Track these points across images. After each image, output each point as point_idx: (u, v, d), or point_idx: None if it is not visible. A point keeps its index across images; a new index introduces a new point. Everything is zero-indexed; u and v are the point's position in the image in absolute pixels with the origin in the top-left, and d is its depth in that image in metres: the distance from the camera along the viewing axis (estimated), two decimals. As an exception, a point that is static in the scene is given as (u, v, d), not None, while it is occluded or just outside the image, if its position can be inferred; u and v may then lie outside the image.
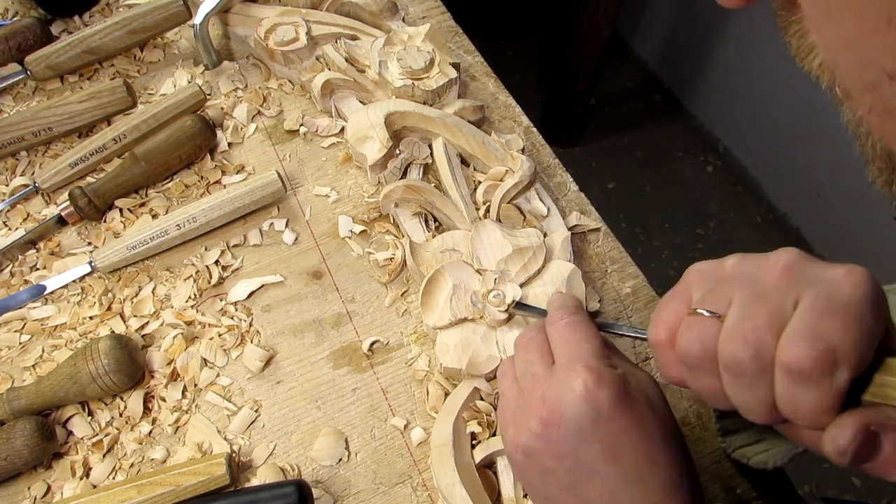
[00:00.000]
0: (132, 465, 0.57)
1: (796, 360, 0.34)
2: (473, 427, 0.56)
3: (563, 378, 0.42)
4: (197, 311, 0.64)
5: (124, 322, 0.64)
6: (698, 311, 0.39)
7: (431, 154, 0.71)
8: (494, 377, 0.59)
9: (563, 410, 0.40)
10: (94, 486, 0.56)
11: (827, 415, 0.35)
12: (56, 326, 0.64)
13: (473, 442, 0.56)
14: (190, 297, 0.65)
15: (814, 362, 0.34)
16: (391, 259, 0.67)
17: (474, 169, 0.71)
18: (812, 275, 0.37)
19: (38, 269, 0.68)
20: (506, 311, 0.57)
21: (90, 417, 0.59)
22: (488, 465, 0.55)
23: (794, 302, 0.36)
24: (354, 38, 0.79)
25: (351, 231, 0.69)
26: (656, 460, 0.40)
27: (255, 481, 0.55)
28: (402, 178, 0.70)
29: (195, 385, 0.60)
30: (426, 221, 0.68)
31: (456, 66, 0.75)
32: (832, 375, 0.34)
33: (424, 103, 0.73)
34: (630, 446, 0.40)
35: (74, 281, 0.66)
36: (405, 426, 0.58)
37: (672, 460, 0.41)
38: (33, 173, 0.74)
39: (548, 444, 0.41)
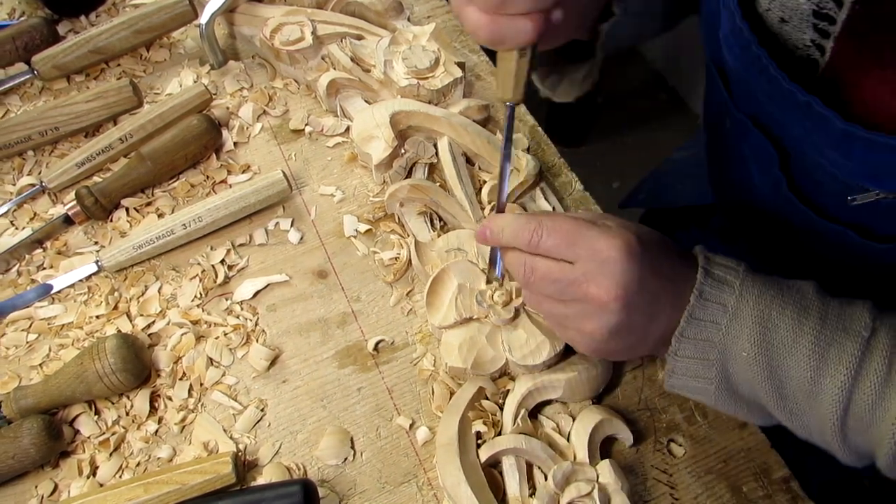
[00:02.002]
0: (139, 464, 0.57)
1: None
2: (479, 426, 0.56)
3: (600, 261, 0.47)
4: (203, 311, 0.64)
5: (131, 321, 0.64)
6: None
7: (436, 153, 0.71)
8: (499, 376, 0.59)
9: (625, 279, 0.47)
10: (101, 485, 0.56)
11: None
12: (63, 326, 0.64)
13: (479, 441, 0.55)
14: (196, 297, 0.65)
15: None
16: (396, 258, 0.67)
17: (479, 168, 0.71)
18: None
19: (44, 269, 0.68)
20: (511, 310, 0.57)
21: (97, 416, 0.59)
22: (494, 465, 0.55)
23: None
24: (360, 37, 0.79)
25: (356, 230, 0.69)
26: (671, 255, 0.51)
27: (260, 480, 0.55)
28: (407, 177, 0.70)
29: (201, 384, 0.60)
30: (431, 221, 0.68)
31: (461, 65, 0.74)
32: None
33: (430, 103, 0.73)
34: (662, 260, 0.49)
35: (81, 280, 0.66)
36: (410, 425, 0.58)
37: (670, 245, 0.52)
38: (40, 173, 0.74)
39: (628, 310, 0.48)
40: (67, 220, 0.69)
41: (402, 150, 0.70)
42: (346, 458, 0.57)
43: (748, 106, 0.58)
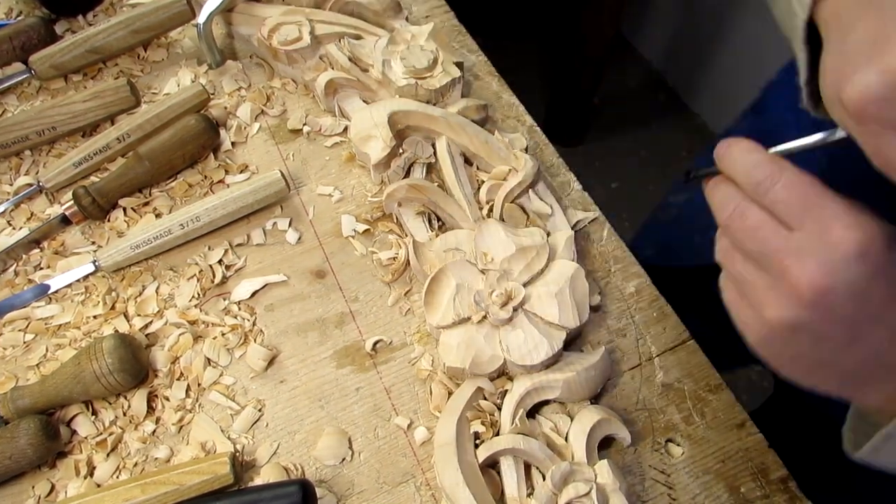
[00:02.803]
0: (136, 465, 0.57)
1: None
2: (477, 427, 0.56)
3: (824, 243, 0.37)
4: (200, 311, 0.64)
5: (128, 321, 0.64)
6: None
7: (435, 153, 0.71)
8: (497, 376, 0.59)
9: (838, 277, 0.37)
10: (98, 486, 0.56)
11: None
12: (60, 326, 0.64)
13: (477, 441, 0.55)
14: (193, 297, 0.65)
15: None
16: (394, 258, 0.67)
17: (478, 168, 0.71)
18: None
19: (41, 269, 0.68)
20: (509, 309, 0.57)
21: (94, 416, 0.59)
22: (492, 465, 0.55)
23: None
24: (358, 37, 0.79)
25: (354, 230, 0.69)
26: None
27: (258, 480, 0.55)
28: (405, 177, 0.70)
29: (199, 384, 0.60)
30: (429, 221, 0.68)
31: (459, 65, 0.74)
32: None
33: (428, 102, 0.73)
34: None
35: (78, 280, 0.66)
36: (408, 426, 0.58)
37: None
38: (37, 172, 0.74)
39: (824, 313, 0.38)
40: (65, 220, 0.69)
41: (401, 150, 0.70)
42: (344, 459, 0.57)
43: None
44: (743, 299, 0.42)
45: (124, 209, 0.71)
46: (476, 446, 0.55)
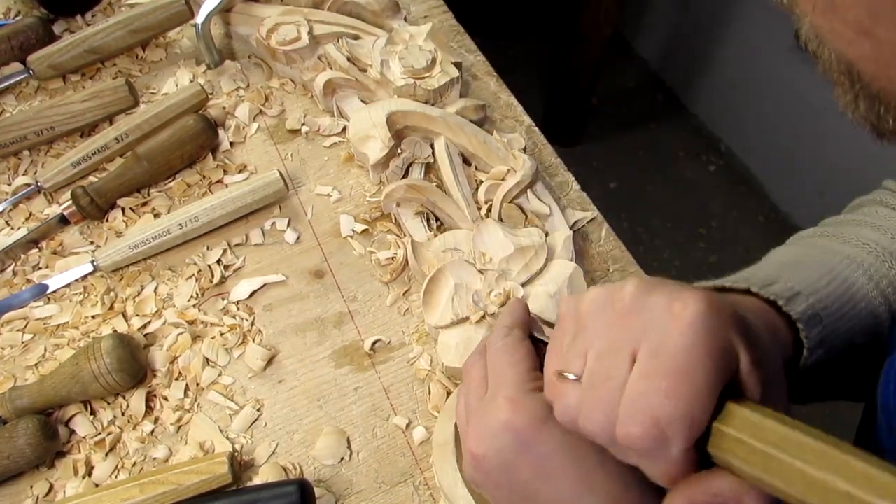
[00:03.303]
0: (134, 465, 0.57)
1: (626, 439, 0.34)
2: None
3: (487, 410, 0.42)
4: (199, 311, 0.64)
5: (126, 321, 0.64)
6: (563, 374, 0.39)
7: (433, 153, 0.71)
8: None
9: (489, 443, 0.41)
10: (97, 485, 0.56)
11: (681, 482, 0.35)
12: (58, 326, 0.64)
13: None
14: (192, 297, 0.65)
15: (641, 441, 0.34)
16: (393, 258, 0.67)
17: (476, 168, 0.71)
18: (649, 316, 0.36)
19: (40, 269, 0.68)
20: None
21: (92, 416, 0.59)
22: (490, 465, 0.55)
23: (632, 358, 0.36)
24: (356, 37, 0.79)
25: (353, 230, 0.69)
26: (591, 481, 0.40)
27: (257, 480, 0.55)
28: (403, 177, 0.70)
29: (197, 384, 0.60)
30: (428, 221, 0.68)
31: (458, 65, 0.74)
32: (665, 449, 0.34)
33: (426, 102, 0.73)
34: (560, 470, 0.40)
35: (77, 280, 0.66)
36: (407, 425, 0.58)
37: (609, 478, 0.40)
38: (35, 172, 0.74)
39: (484, 476, 0.42)
40: (63, 220, 0.69)
41: (399, 150, 0.70)
42: (342, 458, 0.57)
43: None
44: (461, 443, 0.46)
45: (123, 209, 0.71)
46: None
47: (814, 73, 0.35)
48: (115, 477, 0.56)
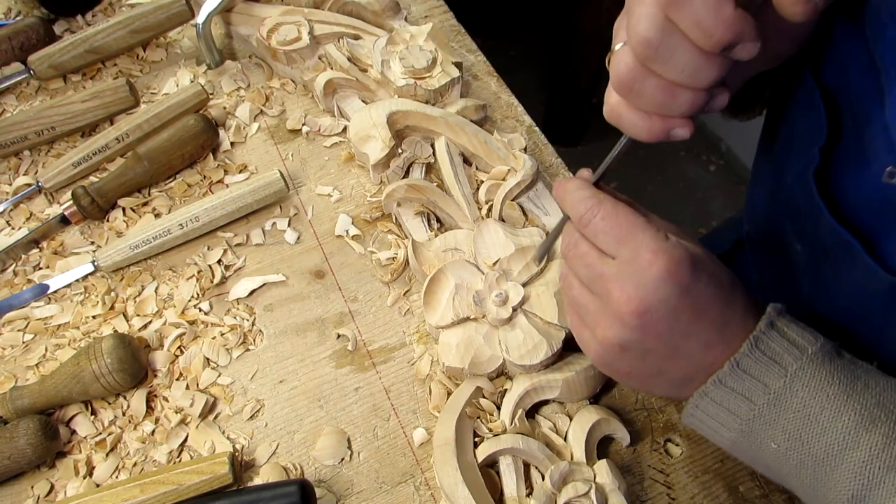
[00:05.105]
0: (135, 465, 0.57)
1: None
2: (476, 426, 0.56)
3: (637, 268, 0.43)
4: (199, 311, 0.64)
5: (127, 321, 0.64)
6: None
7: (434, 153, 0.71)
8: (497, 376, 0.59)
9: (652, 297, 0.43)
10: (98, 485, 0.56)
11: None
12: (59, 326, 0.64)
13: (476, 441, 0.55)
14: (192, 297, 0.65)
15: None
16: (394, 258, 0.67)
17: (477, 168, 0.71)
18: None
19: (41, 269, 0.68)
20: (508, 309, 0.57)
21: (93, 416, 0.59)
22: (491, 465, 0.55)
23: None
24: (357, 37, 0.79)
25: (346, 231, 0.69)
26: (730, 301, 0.45)
27: (257, 480, 0.55)
28: (404, 177, 0.70)
29: (197, 384, 0.60)
30: (428, 221, 0.68)
31: (458, 65, 0.74)
32: None
33: (427, 103, 0.73)
34: (711, 300, 0.44)
35: (77, 280, 0.66)
36: (407, 425, 0.58)
37: (738, 291, 0.45)
38: (36, 172, 0.74)
39: (645, 331, 0.44)
40: (64, 220, 0.69)
41: (399, 150, 0.70)
42: (343, 459, 0.57)
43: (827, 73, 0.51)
44: (581, 321, 0.49)
45: (123, 209, 0.71)
46: (475, 446, 0.55)
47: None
48: (116, 477, 0.56)
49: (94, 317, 0.64)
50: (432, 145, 0.71)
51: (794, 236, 0.58)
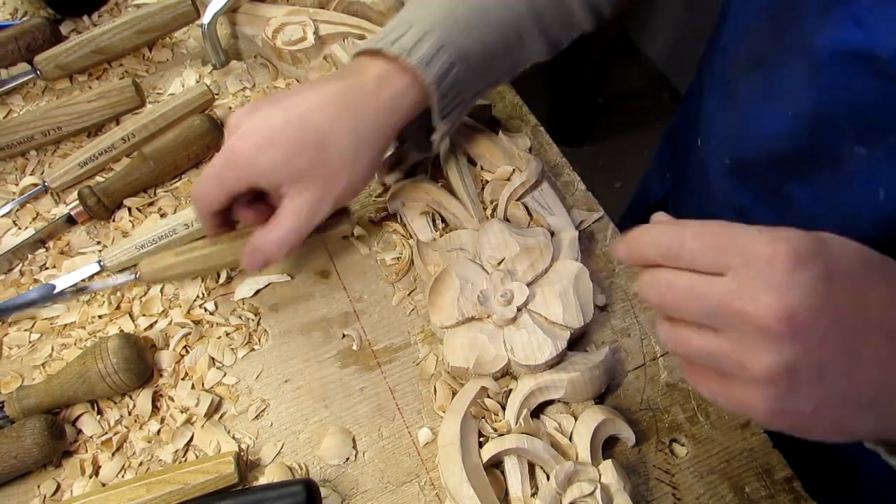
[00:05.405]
0: (141, 464, 0.57)
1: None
2: (481, 426, 0.56)
3: (759, 269, 0.34)
4: (205, 311, 0.64)
5: (133, 321, 0.64)
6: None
7: (438, 153, 0.71)
8: (502, 376, 0.59)
9: (794, 294, 0.33)
10: (104, 485, 0.56)
11: None
12: (65, 325, 0.64)
13: (481, 441, 0.55)
14: (198, 297, 0.65)
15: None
16: (398, 258, 0.67)
17: (482, 168, 0.71)
18: None
19: (47, 269, 0.68)
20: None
21: (99, 416, 0.59)
22: (496, 465, 0.55)
23: None
24: (362, 37, 0.79)
25: (353, 232, 0.69)
26: (887, 269, 0.37)
27: (262, 480, 0.55)
28: (408, 177, 0.70)
29: (203, 384, 0.60)
30: (433, 221, 0.68)
31: (463, 65, 0.74)
32: None
33: (432, 102, 0.73)
34: (855, 269, 0.35)
35: (84, 280, 0.66)
36: (412, 425, 0.58)
37: (886, 259, 0.37)
38: (42, 172, 0.74)
39: (805, 338, 0.34)
40: (70, 220, 0.69)
41: (401, 146, 0.70)
42: (348, 458, 0.57)
43: None
44: (723, 377, 0.37)
45: (129, 209, 0.71)
46: (480, 446, 0.55)
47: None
48: (122, 476, 0.56)
49: (99, 316, 0.64)
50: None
51: (854, 138, 0.48)
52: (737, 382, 0.36)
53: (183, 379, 0.61)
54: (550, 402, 0.58)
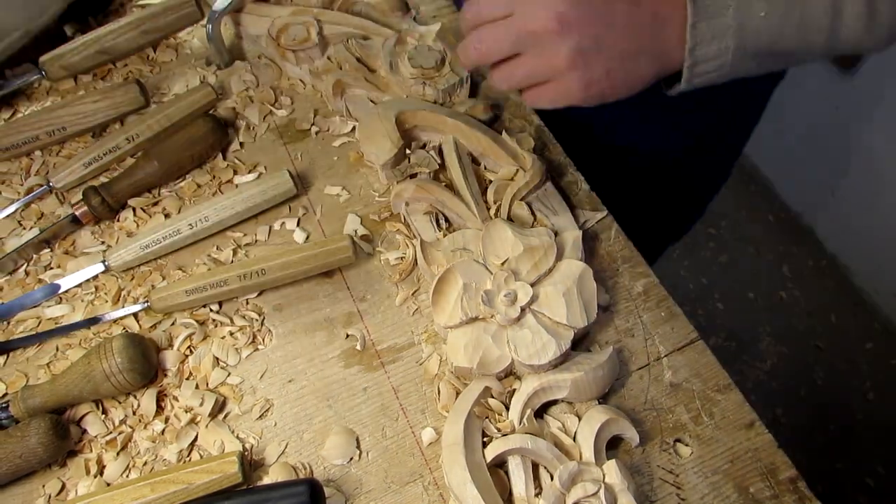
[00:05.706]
0: (145, 464, 0.57)
1: None
2: (484, 426, 0.56)
3: (533, 2, 0.49)
4: (209, 310, 0.64)
5: (137, 321, 0.64)
6: None
7: (442, 153, 0.71)
8: (505, 376, 0.59)
9: (560, 4, 0.48)
10: (108, 484, 0.56)
11: None
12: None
13: (484, 441, 0.55)
14: (202, 296, 0.65)
15: None
16: (402, 258, 0.67)
17: (485, 168, 0.71)
18: None
19: (52, 269, 0.68)
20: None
21: (104, 416, 0.59)
22: (499, 465, 0.55)
23: None
24: (366, 37, 0.79)
25: (355, 231, 0.69)
26: None
27: (266, 480, 0.56)
28: (412, 177, 0.70)
29: (207, 384, 0.60)
30: (437, 220, 0.68)
31: (467, 65, 0.74)
32: None
33: (435, 102, 0.73)
34: None
35: (88, 280, 0.66)
36: (416, 425, 0.58)
37: None
38: (47, 173, 0.74)
39: (575, 21, 0.48)
40: (75, 220, 0.69)
41: (407, 151, 0.70)
42: (351, 458, 0.57)
43: None
44: (545, 85, 0.53)
45: (134, 209, 0.71)
46: (484, 446, 0.55)
47: (822, 73, 0.35)
48: (127, 476, 0.57)
49: (104, 316, 0.64)
50: (440, 153, 0.71)
51: None
52: (553, 82, 0.51)
53: (187, 379, 0.61)
54: (554, 402, 0.58)
